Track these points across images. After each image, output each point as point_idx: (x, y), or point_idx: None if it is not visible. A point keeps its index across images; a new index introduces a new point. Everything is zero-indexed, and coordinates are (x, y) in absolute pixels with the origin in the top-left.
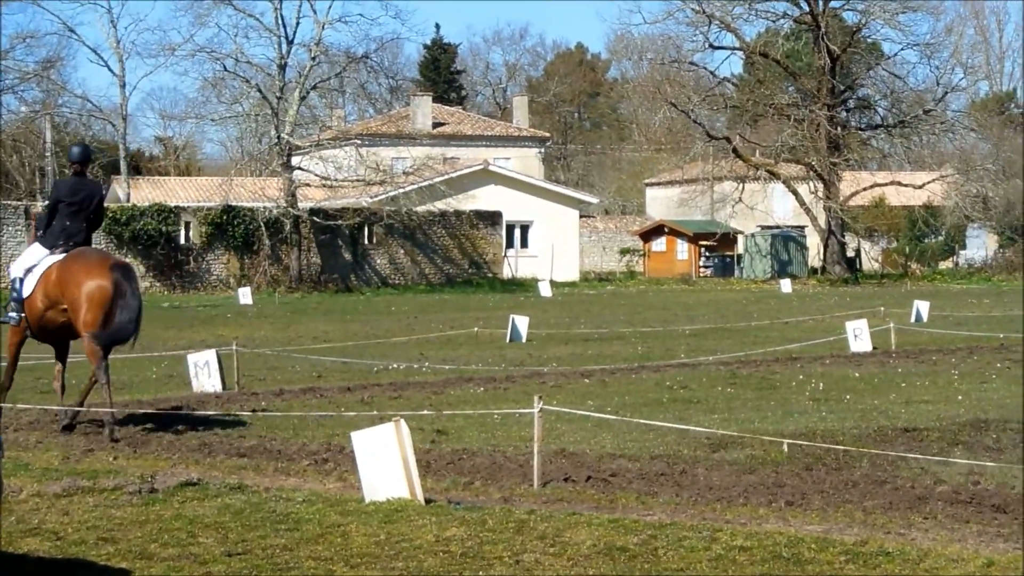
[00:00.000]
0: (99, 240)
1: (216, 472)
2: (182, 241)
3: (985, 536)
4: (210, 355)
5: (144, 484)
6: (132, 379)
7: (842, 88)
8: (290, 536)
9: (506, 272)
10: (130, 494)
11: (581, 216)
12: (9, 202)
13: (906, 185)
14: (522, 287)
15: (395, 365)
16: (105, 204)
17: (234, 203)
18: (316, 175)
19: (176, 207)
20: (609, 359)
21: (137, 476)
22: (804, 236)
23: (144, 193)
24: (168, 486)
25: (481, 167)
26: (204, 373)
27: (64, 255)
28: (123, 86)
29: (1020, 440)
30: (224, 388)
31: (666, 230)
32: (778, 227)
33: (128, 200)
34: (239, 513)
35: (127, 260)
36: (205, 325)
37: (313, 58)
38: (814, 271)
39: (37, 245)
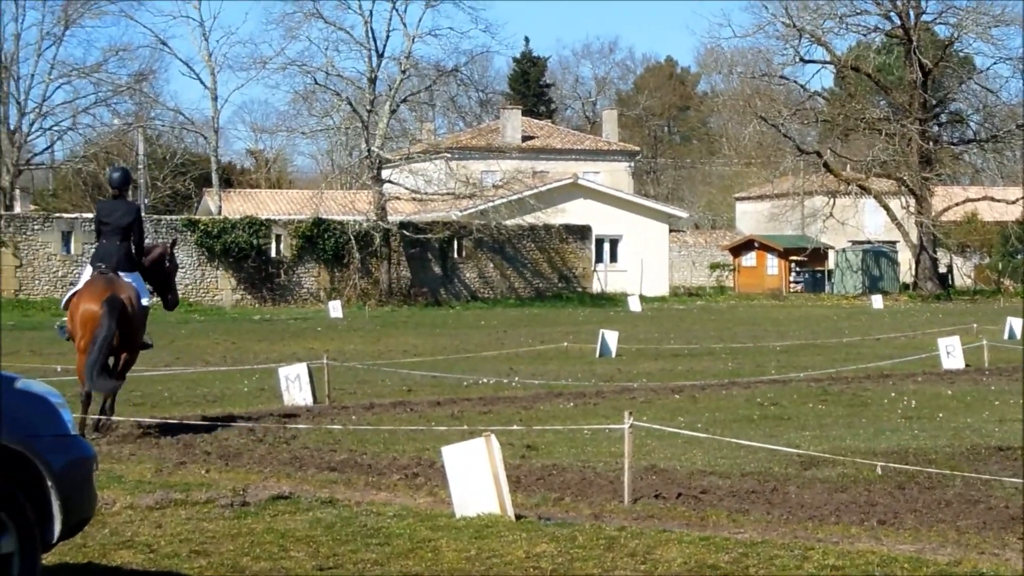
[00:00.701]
0: (191, 253)
1: (307, 486)
2: (273, 254)
3: None
4: (301, 368)
5: (236, 497)
6: (224, 392)
7: (934, 102)
8: (381, 551)
9: (595, 286)
10: (222, 507)
11: (671, 230)
12: None
13: (999, 200)
14: (612, 301)
15: (485, 379)
16: (142, 220)
17: (324, 216)
18: (406, 188)
19: (267, 220)
20: (699, 375)
21: (229, 489)
22: (895, 252)
23: (235, 206)
24: (260, 499)
25: (570, 181)
26: (295, 386)
27: (91, 276)
28: (215, 99)
29: None
30: (315, 401)
31: (756, 245)
32: (869, 242)
33: (219, 213)
34: (330, 527)
35: (127, 294)
36: (296, 338)
37: (403, 71)
38: (906, 287)
39: (88, 265)
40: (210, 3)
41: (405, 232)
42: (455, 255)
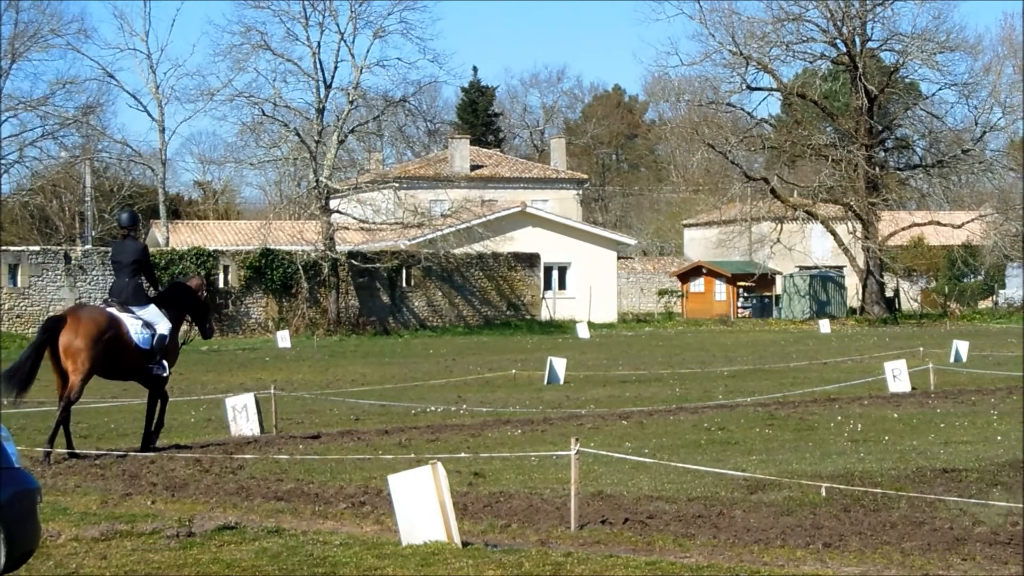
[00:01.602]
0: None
1: (254, 516)
2: (221, 285)
3: None
4: (248, 399)
5: (182, 528)
6: (170, 423)
7: (880, 128)
8: None
9: (544, 314)
10: (168, 538)
11: (619, 257)
12: (49, 247)
13: (945, 225)
14: (560, 329)
15: (433, 408)
16: (148, 258)
17: (272, 246)
18: (354, 218)
19: (215, 251)
20: (647, 401)
21: (175, 520)
22: (843, 276)
23: (183, 237)
24: (206, 530)
25: (519, 209)
26: (242, 417)
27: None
28: (162, 131)
29: None
30: (262, 432)
31: (704, 271)
32: (816, 267)
33: (167, 244)
34: (276, 557)
35: (87, 315)
36: (243, 369)
37: (351, 102)
38: (853, 311)
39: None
40: (158, 35)
41: (353, 262)
42: (403, 284)
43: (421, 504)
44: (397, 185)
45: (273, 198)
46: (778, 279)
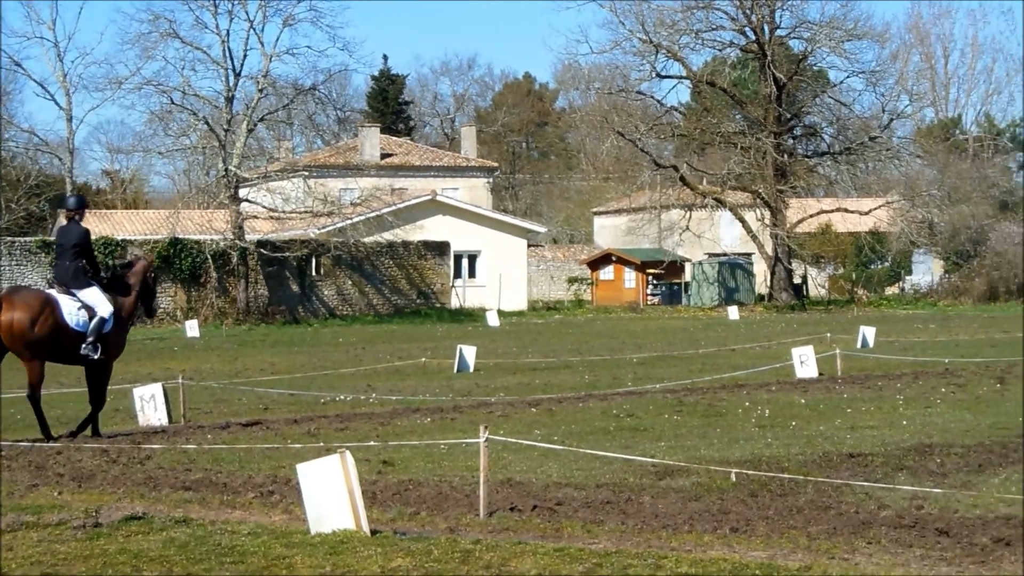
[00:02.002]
0: (46, 275)
1: (161, 506)
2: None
3: (928, 560)
4: (156, 388)
5: (89, 519)
6: (79, 413)
7: (788, 116)
8: (235, 569)
9: (454, 302)
10: (75, 529)
11: (529, 245)
12: None
13: (852, 212)
14: (470, 317)
15: (342, 396)
16: (90, 241)
17: (181, 236)
18: (264, 207)
19: (123, 240)
20: (556, 388)
21: (82, 511)
22: (751, 263)
23: (91, 226)
24: (113, 520)
25: (429, 197)
26: (150, 407)
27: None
28: (70, 120)
29: (1021, 459)
30: (170, 421)
31: (614, 259)
32: (725, 255)
33: None
34: (184, 547)
35: (20, 297)
36: (152, 358)
37: (260, 90)
38: (761, 298)
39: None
40: (65, 24)
41: (263, 250)
42: (313, 273)
43: (330, 493)
44: (307, 174)
45: (182, 187)
46: (687, 266)
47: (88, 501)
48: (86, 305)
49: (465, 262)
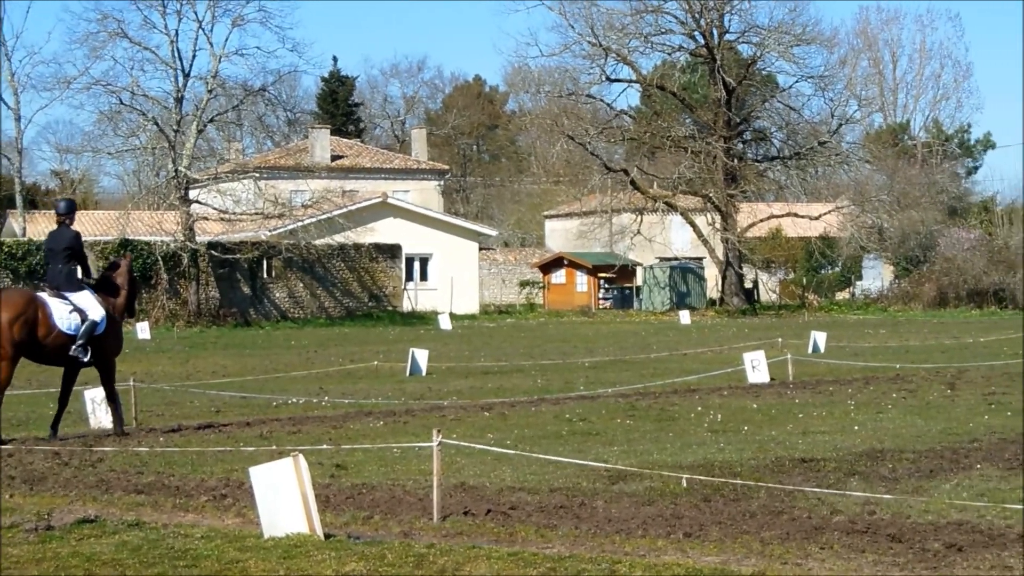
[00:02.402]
0: None
1: (114, 509)
2: (79, 276)
3: (881, 565)
4: None
5: (41, 522)
6: (30, 415)
7: (738, 120)
8: (188, 572)
9: (406, 305)
10: (26, 532)
11: (480, 248)
12: None
13: (802, 216)
14: (422, 320)
15: (294, 400)
16: (82, 245)
17: (131, 237)
18: (214, 208)
19: None
20: (509, 392)
21: (33, 514)
22: (702, 268)
23: (40, 227)
24: (65, 523)
25: (380, 200)
26: (102, 409)
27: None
28: (18, 119)
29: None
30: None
31: (565, 262)
32: (676, 259)
33: (24, 235)
34: (137, 550)
35: (6, 297)
36: None
37: (210, 91)
38: (712, 302)
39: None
40: (12, 23)
41: (213, 252)
42: (264, 275)
43: (283, 496)
44: (257, 175)
45: (131, 188)
46: (638, 270)
47: (40, 504)
48: (78, 308)
49: (417, 265)
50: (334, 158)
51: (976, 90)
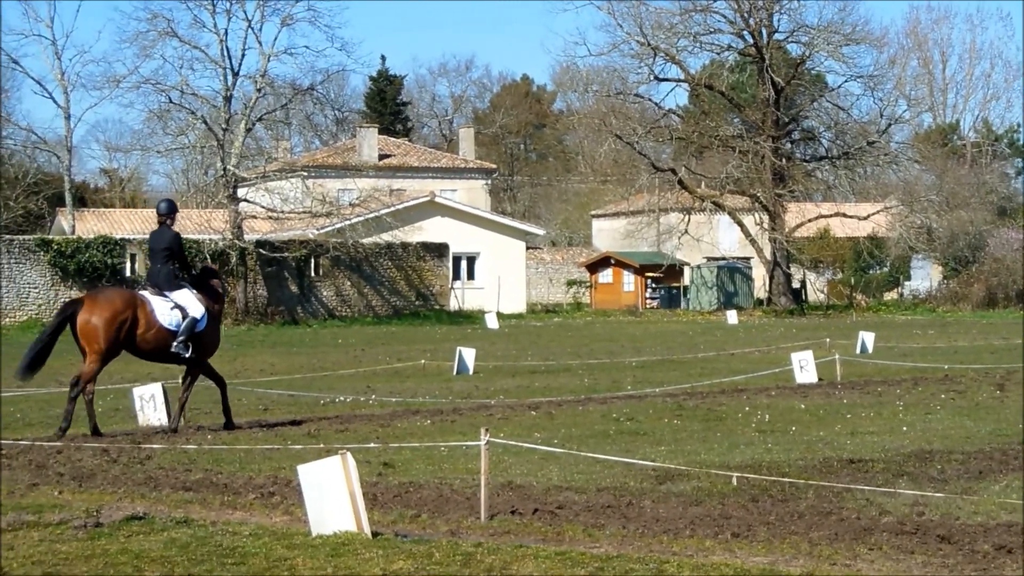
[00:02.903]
0: (44, 273)
1: (162, 506)
2: (127, 273)
3: (930, 567)
4: (156, 388)
5: (89, 518)
6: (79, 412)
7: (787, 120)
8: (236, 570)
9: (453, 304)
10: (75, 528)
11: (528, 248)
12: None
13: (851, 216)
14: (469, 319)
15: (342, 398)
16: (181, 245)
17: (180, 235)
18: (262, 207)
19: (122, 239)
20: (556, 391)
21: (82, 510)
22: (750, 267)
23: (89, 225)
24: (114, 520)
25: (427, 199)
26: (150, 406)
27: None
28: (68, 118)
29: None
30: (170, 421)
31: (612, 262)
32: (724, 259)
33: (73, 232)
34: (185, 547)
35: (104, 297)
36: None
37: (259, 90)
38: (760, 302)
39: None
40: (63, 22)
41: (261, 251)
42: (312, 273)
43: (331, 494)
44: (305, 174)
45: (180, 186)
46: (686, 270)
47: (89, 501)
48: (178, 305)
49: (464, 264)
50: (382, 157)
51: None
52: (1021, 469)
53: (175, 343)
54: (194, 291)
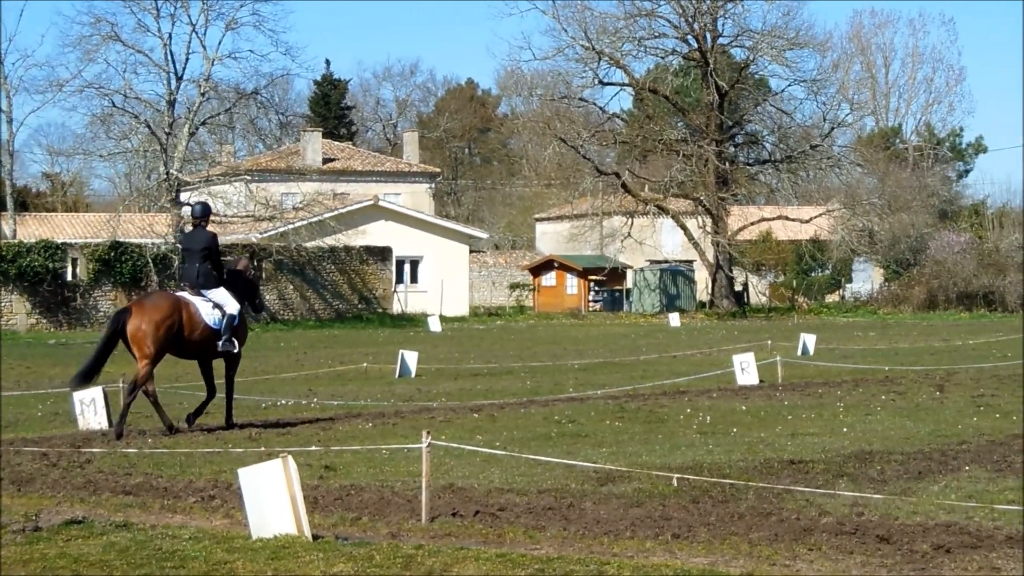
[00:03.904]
0: None
1: (102, 510)
2: (69, 278)
3: (869, 567)
4: (96, 392)
5: (28, 523)
6: (17, 417)
7: (730, 124)
8: (176, 574)
9: (396, 307)
10: (14, 533)
11: (471, 251)
12: None
13: (793, 220)
14: (412, 322)
15: (284, 401)
16: (217, 246)
17: (122, 239)
18: None
19: (63, 243)
20: (498, 394)
21: (21, 515)
22: (692, 270)
23: (31, 229)
24: (53, 524)
25: (371, 203)
26: (90, 410)
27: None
28: (10, 122)
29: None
30: (110, 425)
31: (556, 265)
32: (667, 262)
33: (14, 236)
34: (125, 551)
35: (151, 303)
36: None
37: (203, 94)
38: (702, 305)
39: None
40: (6, 26)
41: None
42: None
43: (271, 498)
44: (249, 178)
45: (123, 190)
46: (629, 273)
47: (28, 505)
48: (217, 304)
49: (407, 267)
50: (325, 161)
51: (968, 94)
52: (958, 470)
53: (221, 341)
54: (228, 289)
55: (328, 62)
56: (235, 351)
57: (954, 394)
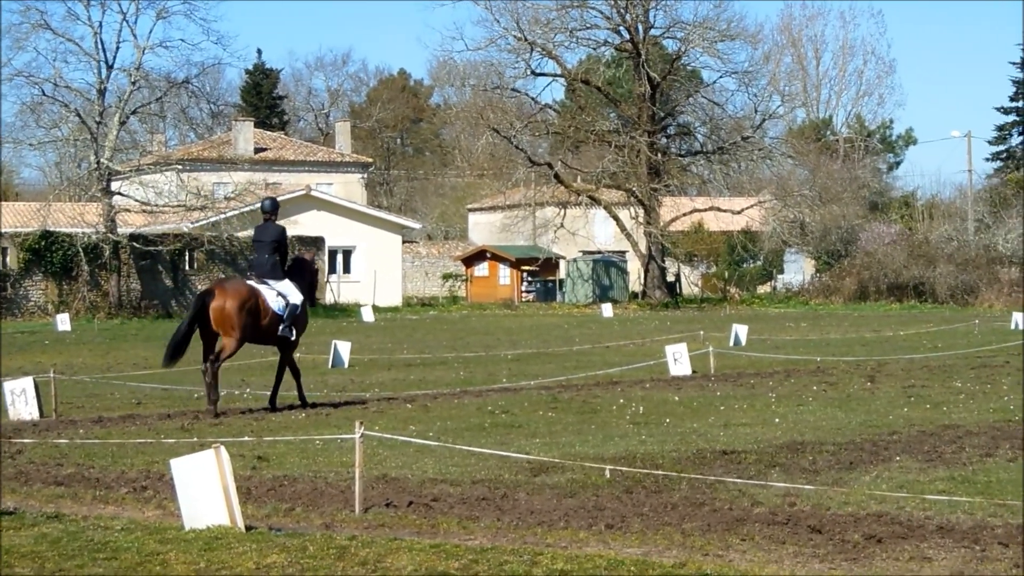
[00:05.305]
0: None
1: (33, 501)
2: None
3: (801, 557)
4: (27, 382)
5: None
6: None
7: (662, 115)
8: (108, 565)
9: (328, 297)
10: None
11: (404, 241)
12: None
13: (725, 211)
14: (344, 312)
15: None
16: (286, 239)
17: (52, 228)
18: (136, 200)
19: None
20: (431, 384)
21: None
22: (625, 261)
23: None
24: None
25: (303, 192)
26: (21, 401)
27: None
28: None
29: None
30: (42, 416)
31: (488, 255)
32: (599, 252)
33: None
34: (56, 542)
35: (232, 286)
36: (22, 352)
37: (133, 83)
38: (635, 296)
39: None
40: None
41: (135, 244)
42: (186, 267)
43: (204, 488)
44: (180, 167)
45: (53, 179)
46: (562, 264)
47: None
48: (281, 293)
49: (340, 257)
50: (257, 150)
51: (898, 86)
52: (889, 460)
53: (282, 327)
54: (292, 280)
55: (260, 51)
56: (292, 338)
57: (885, 385)
